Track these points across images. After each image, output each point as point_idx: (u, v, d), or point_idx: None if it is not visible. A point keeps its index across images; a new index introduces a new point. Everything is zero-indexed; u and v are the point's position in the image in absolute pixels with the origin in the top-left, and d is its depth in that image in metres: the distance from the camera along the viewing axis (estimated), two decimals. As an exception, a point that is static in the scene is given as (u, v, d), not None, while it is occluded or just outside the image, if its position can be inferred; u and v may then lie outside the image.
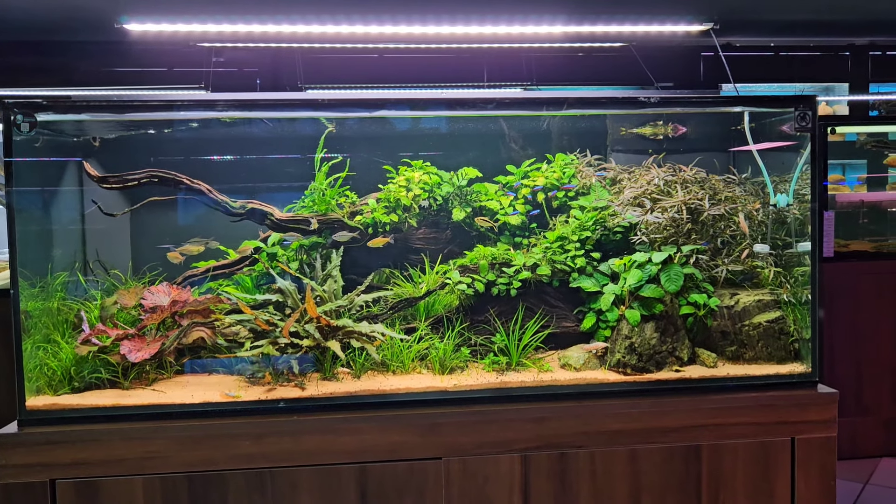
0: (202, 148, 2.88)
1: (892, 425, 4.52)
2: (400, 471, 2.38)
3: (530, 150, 2.95)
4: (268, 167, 2.98)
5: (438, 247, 2.87)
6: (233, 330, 2.62)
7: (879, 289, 4.45)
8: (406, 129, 3.02)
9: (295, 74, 5.89)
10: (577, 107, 2.54)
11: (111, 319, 2.56)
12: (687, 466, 2.49)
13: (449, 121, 2.99)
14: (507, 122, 2.99)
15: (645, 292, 2.57)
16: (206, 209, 2.67)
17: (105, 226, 2.86)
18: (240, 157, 2.90)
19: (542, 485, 2.44)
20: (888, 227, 5.10)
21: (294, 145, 2.91)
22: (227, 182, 2.74)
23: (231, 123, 2.75)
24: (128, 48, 5.39)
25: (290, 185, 2.95)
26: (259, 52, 5.88)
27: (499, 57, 5.93)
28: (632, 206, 2.72)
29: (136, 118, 2.63)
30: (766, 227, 2.77)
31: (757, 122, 2.83)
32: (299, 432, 2.33)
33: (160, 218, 2.95)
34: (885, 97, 6.70)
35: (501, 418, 2.41)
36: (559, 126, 3.02)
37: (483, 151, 3.02)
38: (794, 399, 2.52)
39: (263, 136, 2.90)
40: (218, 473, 2.32)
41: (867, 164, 5.68)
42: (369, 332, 2.52)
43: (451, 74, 6.11)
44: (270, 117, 2.75)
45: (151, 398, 2.39)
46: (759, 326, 2.62)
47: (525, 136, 3.05)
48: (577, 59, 6.14)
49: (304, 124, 2.87)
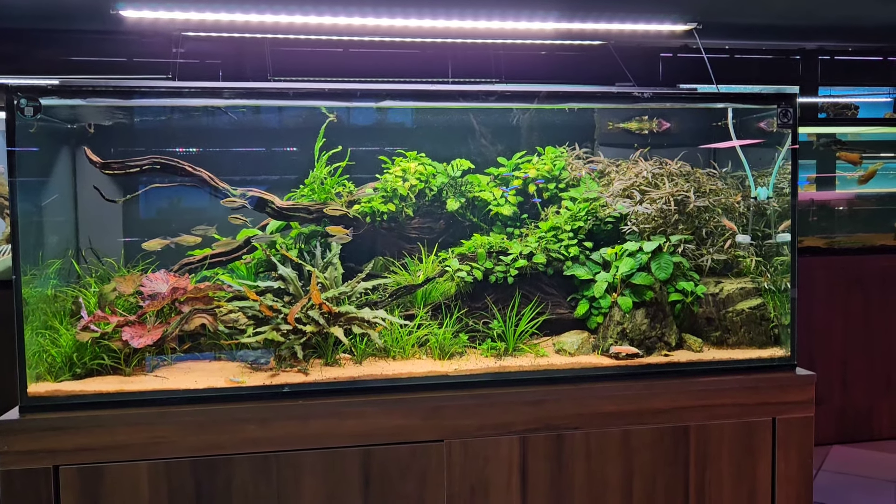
0: (201, 137, 2.88)
1: (843, 414, 4.71)
2: (403, 453, 2.43)
3: (533, 138, 3.02)
4: (266, 157, 2.99)
5: (433, 236, 2.93)
6: (231, 317, 2.63)
7: (830, 283, 4.63)
8: (402, 121, 3.07)
9: (257, 67, 5.82)
10: (574, 100, 2.63)
11: (110, 306, 2.55)
12: (676, 446, 2.59)
13: (433, 115, 3.05)
14: (499, 118, 3.06)
15: (636, 280, 2.67)
16: (205, 196, 2.67)
17: (98, 213, 2.84)
18: (241, 148, 2.91)
19: (540, 465, 2.51)
20: (836, 225, 5.32)
21: (292, 136, 2.93)
22: (227, 171, 2.76)
23: (225, 113, 2.76)
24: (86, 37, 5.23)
25: (283, 175, 2.98)
26: (222, 44, 5.77)
27: (465, 53, 5.94)
28: (622, 198, 2.83)
29: (138, 104, 2.62)
30: (746, 219, 2.90)
31: (733, 119, 2.96)
32: (305, 416, 2.36)
33: (154, 205, 2.94)
34: (834, 100, 6.98)
35: (501, 401, 2.48)
36: (549, 120, 3.11)
37: (472, 145, 3.08)
38: (776, 381, 2.65)
39: (260, 126, 2.91)
40: (224, 458, 2.33)
41: (816, 164, 5.89)
42: (372, 318, 2.56)
43: (417, 70, 6.12)
44: (268, 106, 2.77)
45: (155, 384, 2.39)
46: (742, 313, 2.75)
47: (514, 130, 3.13)
48: (541, 58, 6.22)
49: (301, 114, 2.90)
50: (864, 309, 4.68)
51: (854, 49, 6.66)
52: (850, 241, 4.99)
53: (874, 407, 4.71)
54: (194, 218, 2.83)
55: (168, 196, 2.99)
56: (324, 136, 2.81)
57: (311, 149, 2.85)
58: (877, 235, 5.09)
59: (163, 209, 3.05)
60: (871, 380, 4.71)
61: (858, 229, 5.14)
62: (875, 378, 4.72)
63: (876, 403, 4.71)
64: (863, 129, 5.57)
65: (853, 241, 4.97)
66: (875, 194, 5.31)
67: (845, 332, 4.67)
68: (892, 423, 4.75)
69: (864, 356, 4.69)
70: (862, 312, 4.67)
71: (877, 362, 4.71)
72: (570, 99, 2.61)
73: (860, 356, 4.68)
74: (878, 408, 4.72)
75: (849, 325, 4.67)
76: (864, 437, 4.73)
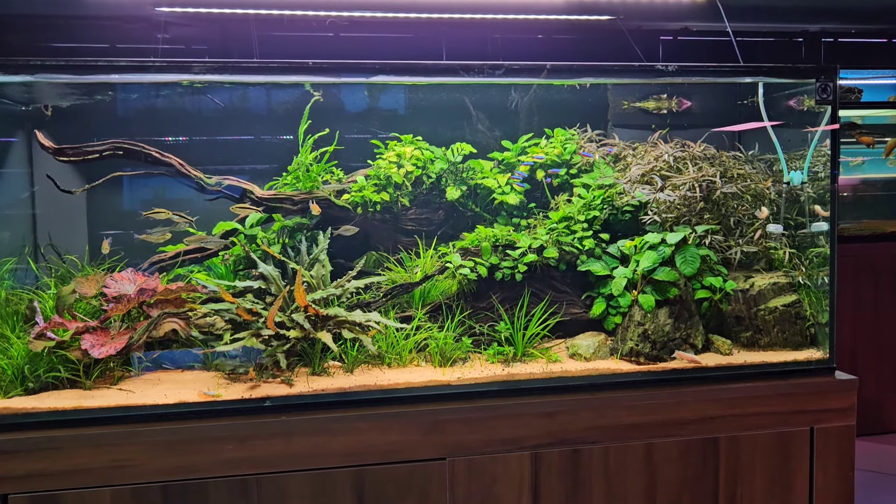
0: (172, 120, 2.60)
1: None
2: (400, 473, 2.18)
3: (533, 123, 2.75)
4: (247, 143, 2.71)
5: (431, 228, 2.66)
6: (208, 321, 2.36)
7: (839, 272, 4.44)
8: (397, 103, 2.80)
9: (245, 53, 5.57)
10: (589, 74, 2.35)
11: (69, 310, 2.27)
12: (704, 460, 2.34)
13: (431, 95, 2.78)
14: (503, 98, 2.79)
15: (659, 276, 2.40)
16: (181, 186, 2.39)
17: (61, 206, 2.55)
18: (219, 133, 2.63)
19: (554, 484, 2.26)
20: (842, 212, 5.08)
21: (275, 120, 2.65)
22: (201, 158, 2.48)
23: (203, 93, 2.48)
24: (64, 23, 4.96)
25: (268, 164, 2.70)
26: (208, 29, 5.55)
27: (459, 36, 5.71)
28: (640, 184, 2.55)
29: (91, 81, 2.34)
30: (777, 206, 2.63)
31: (752, 98, 2.70)
32: (289, 433, 2.12)
33: (123, 196, 2.66)
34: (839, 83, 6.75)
35: (510, 413, 2.23)
36: (557, 100, 2.83)
37: (474, 128, 2.81)
38: (813, 386, 2.42)
39: (240, 109, 2.64)
40: (198, 482, 2.09)
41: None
42: (364, 321, 2.28)
43: (411, 55, 5.87)
44: (248, 84, 2.48)
45: (119, 399, 2.12)
46: (776, 311, 2.49)
47: (519, 111, 2.86)
48: (538, 42, 5.96)
49: (284, 95, 2.62)
50: (874, 298, 4.50)
51: (858, 31, 6.46)
52: (858, 227, 4.79)
53: (884, 399, 4.52)
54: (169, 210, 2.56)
55: (147, 186, 2.71)
56: (309, 118, 2.53)
57: (296, 133, 2.57)
58: (887, 222, 4.92)
59: (135, 200, 2.77)
60: (881, 372, 4.53)
61: (864, 216, 4.97)
62: (885, 370, 4.53)
63: (886, 396, 4.53)
64: (866, 111, 5.32)
65: (862, 228, 4.78)
66: (881, 180, 5.14)
67: (854, 323, 4.48)
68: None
69: (873, 347, 4.51)
70: (872, 302, 4.49)
71: (887, 354, 4.53)
72: (585, 73, 2.33)
73: (870, 347, 4.49)
74: (888, 400, 4.53)
75: (858, 315, 4.48)
76: (875, 430, 4.54)
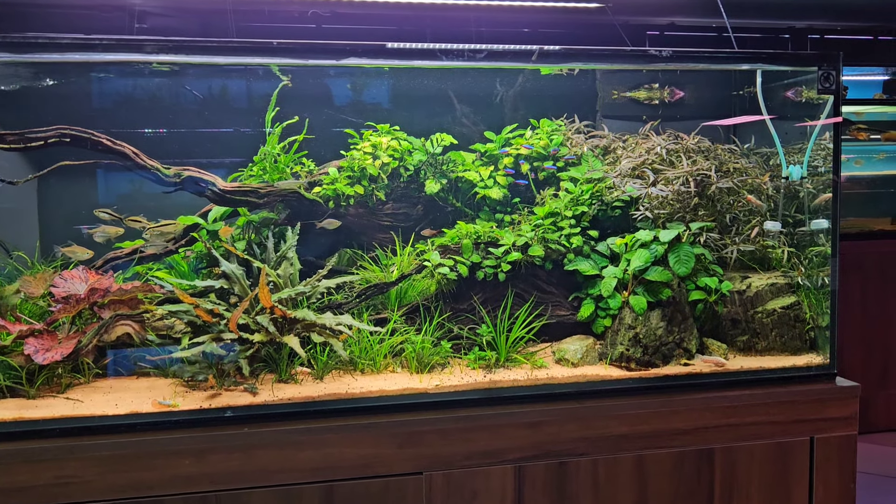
0: (127, 106, 2.42)
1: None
2: (374, 489, 2.02)
3: (518, 114, 2.59)
4: (210, 134, 2.53)
5: (409, 224, 2.49)
6: (166, 323, 2.18)
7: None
8: (374, 90, 2.64)
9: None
10: (579, 60, 2.19)
11: (12, 312, 2.09)
12: (698, 473, 2.21)
13: (409, 82, 2.63)
14: (486, 86, 2.63)
15: (651, 276, 2.25)
16: (134, 177, 2.21)
17: (6, 198, 2.36)
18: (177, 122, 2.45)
19: (539, 499, 2.12)
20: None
21: (241, 108, 2.48)
22: (161, 148, 2.30)
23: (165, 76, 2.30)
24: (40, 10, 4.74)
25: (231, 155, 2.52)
26: (186, 20, 5.37)
27: (445, 30, 5.59)
28: (631, 178, 2.40)
29: (31, 60, 2.15)
30: (775, 203, 2.49)
31: (748, 90, 2.56)
32: (251, 447, 1.96)
33: (77, 188, 2.47)
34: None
35: (492, 424, 2.09)
36: (543, 88, 2.67)
37: (454, 118, 2.66)
38: (814, 394, 2.29)
39: (205, 94, 2.46)
40: (152, 499, 1.92)
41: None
42: (334, 324, 2.11)
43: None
44: (211, 65, 2.30)
45: (65, 409, 1.95)
46: (773, 313, 2.35)
47: (503, 101, 2.70)
48: (524, 37, 5.86)
49: (252, 85, 2.44)
50: (861, 297, 4.46)
51: (843, 28, 6.39)
52: (845, 225, 4.71)
53: (870, 398, 4.46)
54: (127, 204, 2.39)
55: (125, 179, 2.53)
56: (277, 105, 2.35)
57: (262, 124, 2.39)
58: (873, 220, 4.88)
59: (92, 193, 2.58)
60: (867, 370, 4.48)
61: (850, 213, 4.90)
62: (871, 368, 4.50)
63: (872, 394, 4.47)
64: (852, 108, 5.27)
65: (849, 226, 4.72)
66: (867, 177, 5.09)
67: (842, 321, 4.34)
68: (888, 414, 4.53)
69: (860, 346, 4.47)
70: (859, 300, 4.45)
71: (874, 352, 4.50)
72: (574, 58, 2.17)
73: (857, 346, 4.45)
74: (874, 399, 4.47)
75: (845, 313, 4.38)
76: (861, 429, 4.40)
